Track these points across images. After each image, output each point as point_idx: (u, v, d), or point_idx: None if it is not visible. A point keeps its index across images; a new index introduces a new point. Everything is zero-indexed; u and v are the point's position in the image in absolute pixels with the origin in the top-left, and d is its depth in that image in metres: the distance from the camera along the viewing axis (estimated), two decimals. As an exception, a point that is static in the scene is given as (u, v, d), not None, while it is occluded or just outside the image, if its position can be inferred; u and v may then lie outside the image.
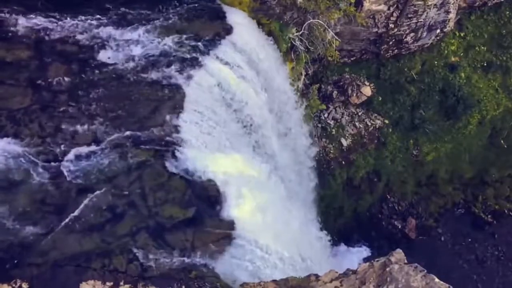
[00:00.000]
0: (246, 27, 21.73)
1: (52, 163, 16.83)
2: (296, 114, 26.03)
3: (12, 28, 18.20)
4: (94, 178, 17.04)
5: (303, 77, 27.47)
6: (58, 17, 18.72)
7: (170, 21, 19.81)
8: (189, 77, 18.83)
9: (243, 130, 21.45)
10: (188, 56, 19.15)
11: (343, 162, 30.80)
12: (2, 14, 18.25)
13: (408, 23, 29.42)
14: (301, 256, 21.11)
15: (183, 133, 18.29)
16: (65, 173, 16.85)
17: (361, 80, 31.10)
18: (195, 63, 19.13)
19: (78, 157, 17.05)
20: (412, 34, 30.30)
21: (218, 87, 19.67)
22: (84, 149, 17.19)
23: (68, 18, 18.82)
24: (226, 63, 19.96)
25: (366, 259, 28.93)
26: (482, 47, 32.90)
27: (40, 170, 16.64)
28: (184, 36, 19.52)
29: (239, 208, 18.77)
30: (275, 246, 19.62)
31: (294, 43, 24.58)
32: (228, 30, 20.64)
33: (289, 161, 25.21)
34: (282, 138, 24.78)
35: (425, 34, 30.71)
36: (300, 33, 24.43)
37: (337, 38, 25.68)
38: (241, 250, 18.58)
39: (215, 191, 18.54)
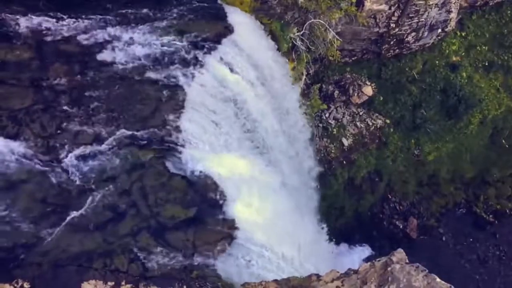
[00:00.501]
0: (248, 27, 21.74)
1: (54, 163, 16.85)
2: (303, 136, 26.23)
3: (13, 29, 18.21)
4: (95, 178, 17.06)
5: (304, 77, 27.46)
6: (59, 17, 18.74)
7: (171, 21, 19.82)
8: (191, 77, 18.84)
9: (256, 150, 21.75)
10: (190, 56, 19.16)
11: (344, 162, 30.77)
12: (4, 14, 18.28)
13: (409, 22, 29.38)
14: (305, 258, 21.19)
15: (184, 133, 18.31)
16: (67, 173, 16.87)
17: (362, 80, 31.08)
18: (196, 63, 19.14)
19: (79, 157, 17.07)
20: (413, 34, 30.26)
21: (232, 101, 19.96)
22: (85, 149, 17.20)
23: (70, 18, 18.83)
24: (229, 66, 20.06)
25: (367, 259, 28.90)
26: (484, 47, 32.85)
27: (42, 170, 16.65)
28: (186, 36, 19.52)
29: (241, 208, 18.78)
30: (278, 246, 19.64)
31: (295, 43, 24.58)
32: (230, 30, 20.64)
33: (296, 182, 25.50)
34: (291, 159, 25.02)
35: (426, 33, 30.68)
36: (301, 33, 24.43)
37: (338, 37, 25.67)
38: (242, 250, 18.60)
39: (216, 191, 18.55)
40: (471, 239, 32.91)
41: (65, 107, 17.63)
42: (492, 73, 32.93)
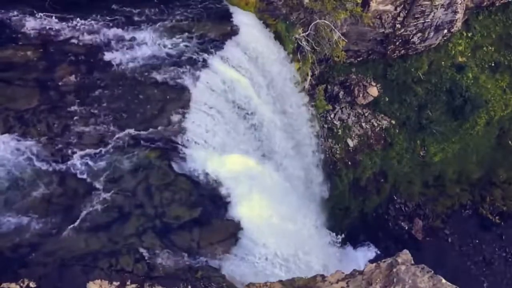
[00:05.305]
0: (253, 28, 21.74)
1: (60, 163, 16.93)
2: (307, 136, 26.30)
3: (20, 29, 18.32)
4: (101, 178, 17.12)
5: (309, 77, 27.44)
6: (65, 18, 18.83)
7: (177, 22, 19.86)
8: (196, 78, 18.87)
9: (261, 150, 21.84)
10: (195, 56, 19.19)
11: (350, 163, 30.73)
12: (11, 14, 18.39)
13: (415, 23, 29.30)
14: (310, 258, 21.18)
15: (189, 134, 18.34)
16: (73, 173, 16.94)
17: (368, 81, 31.03)
18: (201, 63, 19.16)
19: (85, 157, 17.13)
20: (419, 35, 30.18)
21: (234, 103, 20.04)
22: (91, 150, 17.26)
23: (76, 19, 18.92)
24: (235, 67, 20.10)
25: (372, 260, 28.85)
26: (490, 47, 32.72)
27: (48, 170, 16.74)
28: (191, 36, 19.56)
29: (246, 209, 18.79)
30: (282, 247, 19.63)
31: (300, 43, 24.56)
32: (235, 30, 20.65)
33: (301, 182, 25.52)
34: (296, 160, 25.09)
35: (432, 34, 30.58)
36: (307, 33, 24.41)
37: (343, 38, 25.62)
38: (247, 250, 18.61)
39: (221, 192, 18.57)
40: (477, 241, 32.78)
41: (71, 108, 17.71)
42: (498, 74, 32.80)
